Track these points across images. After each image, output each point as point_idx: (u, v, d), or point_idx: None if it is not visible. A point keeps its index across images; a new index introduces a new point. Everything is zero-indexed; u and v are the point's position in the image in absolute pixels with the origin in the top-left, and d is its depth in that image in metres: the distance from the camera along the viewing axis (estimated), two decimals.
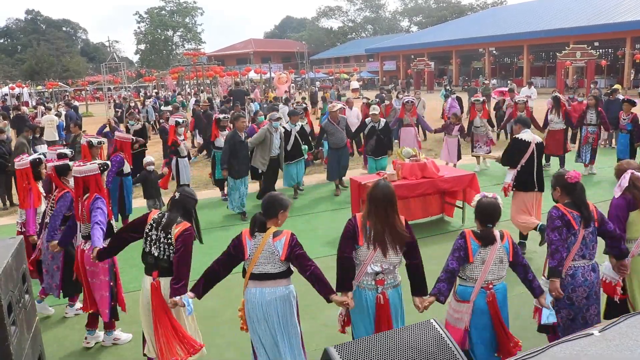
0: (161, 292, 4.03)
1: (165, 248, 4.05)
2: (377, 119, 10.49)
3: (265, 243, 3.84)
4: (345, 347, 2.09)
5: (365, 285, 3.83)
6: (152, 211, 4.28)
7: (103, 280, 4.80)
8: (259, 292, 3.87)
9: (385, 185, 3.89)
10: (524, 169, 6.72)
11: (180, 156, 9.66)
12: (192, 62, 34.10)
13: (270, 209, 3.96)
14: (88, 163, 4.94)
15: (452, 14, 72.49)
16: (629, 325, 2.40)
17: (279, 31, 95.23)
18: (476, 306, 3.83)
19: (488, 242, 3.82)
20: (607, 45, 40.42)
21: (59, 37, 79.88)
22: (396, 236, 3.78)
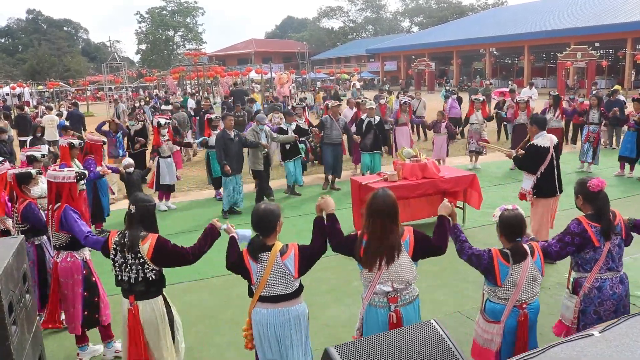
0: (139, 318, 3.79)
1: (138, 270, 3.74)
2: (373, 114, 10.97)
3: (274, 263, 3.51)
4: (345, 347, 2.09)
5: (377, 303, 3.53)
6: (111, 232, 3.94)
7: (77, 292, 4.59)
8: (270, 313, 3.57)
9: (385, 195, 3.54)
10: (544, 176, 6.39)
11: (162, 156, 9.75)
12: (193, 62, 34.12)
13: (267, 225, 3.59)
14: (65, 169, 4.71)
15: (452, 14, 72.49)
16: (629, 325, 2.40)
17: (280, 31, 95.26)
18: (507, 326, 3.61)
19: (520, 258, 3.56)
20: (607, 46, 40.42)
21: (60, 36, 79.91)
22: (391, 251, 3.46)
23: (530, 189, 6.49)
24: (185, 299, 6.05)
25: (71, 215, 4.44)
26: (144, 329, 3.80)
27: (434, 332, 2.20)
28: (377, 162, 10.87)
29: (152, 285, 3.81)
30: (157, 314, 3.84)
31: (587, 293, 3.87)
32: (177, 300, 5.98)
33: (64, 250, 4.61)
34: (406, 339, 2.15)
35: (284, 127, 10.70)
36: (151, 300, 3.83)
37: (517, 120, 12.21)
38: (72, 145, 7.35)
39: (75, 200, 4.60)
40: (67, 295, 4.60)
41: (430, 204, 8.43)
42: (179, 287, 6.30)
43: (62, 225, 4.45)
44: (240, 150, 9.38)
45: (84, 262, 4.67)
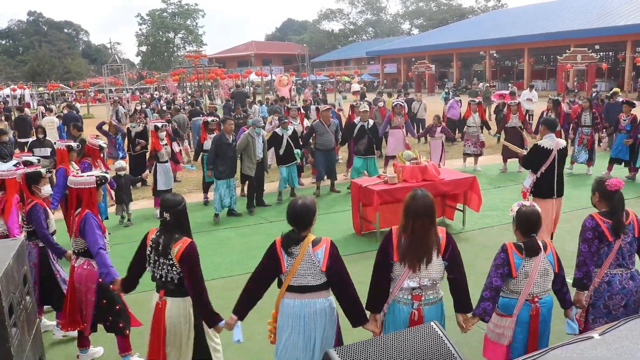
0: (164, 314, 3.84)
1: (167, 270, 3.81)
2: (366, 118, 10.70)
3: (305, 253, 3.54)
4: (346, 350, 2.09)
5: (401, 299, 3.57)
6: (151, 230, 3.99)
7: (89, 299, 4.56)
8: (297, 304, 3.59)
9: (423, 195, 3.57)
10: (544, 176, 6.56)
11: (159, 161, 9.55)
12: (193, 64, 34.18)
13: (304, 220, 3.61)
14: (86, 174, 4.63)
15: (453, 16, 72.59)
16: (629, 328, 2.41)
17: (280, 33, 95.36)
18: (519, 320, 3.67)
19: (533, 252, 3.64)
20: (607, 48, 40.45)
21: (61, 38, 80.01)
22: (429, 251, 3.50)
23: (529, 187, 6.70)
24: None
25: (91, 222, 4.39)
26: (167, 326, 3.83)
27: (436, 336, 2.20)
28: (372, 167, 10.57)
29: (182, 286, 3.83)
30: (182, 313, 3.87)
31: (597, 287, 3.97)
32: None
33: (82, 257, 4.55)
34: (407, 341, 2.16)
35: (278, 133, 10.26)
36: (179, 299, 3.86)
37: (509, 123, 12.21)
38: (70, 147, 7.29)
39: (95, 205, 4.54)
40: (80, 301, 4.58)
41: None
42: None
43: (80, 232, 4.41)
44: (235, 155, 9.33)
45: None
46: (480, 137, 12.42)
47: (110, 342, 4.92)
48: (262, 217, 9.47)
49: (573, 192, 9.58)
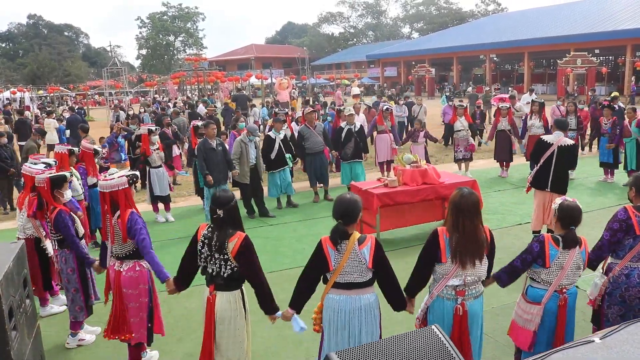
0: (214, 307, 3.86)
1: (221, 265, 3.83)
2: (352, 121, 10.59)
3: (351, 251, 3.60)
4: (346, 353, 2.09)
5: (445, 295, 3.68)
6: (201, 226, 4.01)
7: (142, 302, 4.42)
8: (342, 299, 3.67)
9: (470, 193, 3.66)
10: (542, 168, 7.07)
11: (152, 166, 9.37)
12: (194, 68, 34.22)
13: (351, 214, 3.67)
14: (116, 176, 4.37)
15: (453, 20, 72.76)
16: (630, 332, 2.40)
17: (280, 37, 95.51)
18: (547, 309, 3.82)
19: (571, 244, 3.77)
20: (607, 52, 40.49)
21: (61, 41, 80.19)
22: (479, 249, 3.61)
23: (530, 177, 7.33)
24: (186, 305, 6.04)
25: (139, 221, 4.32)
26: (217, 320, 3.87)
27: (435, 338, 2.20)
28: (358, 172, 10.47)
29: (232, 280, 3.87)
30: (232, 307, 3.90)
31: (616, 277, 4.08)
32: (178, 305, 6.00)
33: (128, 260, 4.39)
34: (407, 344, 2.15)
35: (272, 136, 9.97)
36: (228, 292, 3.89)
37: (499, 126, 12.14)
38: (72, 152, 7.14)
39: (134, 204, 4.44)
40: (132, 307, 4.40)
41: (430, 210, 8.44)
42: (181, 292, 6.28)
43: (129, 233, 4.27)
44: (223, 160, 8.99)
45: (149, 271, 4.49)
46: (470, 140, 12.26)
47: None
48: (262, 219, 9.46)
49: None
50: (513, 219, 8.86)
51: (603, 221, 8.69)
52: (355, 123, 10.67)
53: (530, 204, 7.88)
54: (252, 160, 9.53)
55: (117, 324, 4.42)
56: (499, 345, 4.81)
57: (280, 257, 7.53)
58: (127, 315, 4.40)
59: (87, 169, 7.67)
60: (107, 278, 4.53)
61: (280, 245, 8.07)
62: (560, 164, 6.96)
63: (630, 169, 10.80)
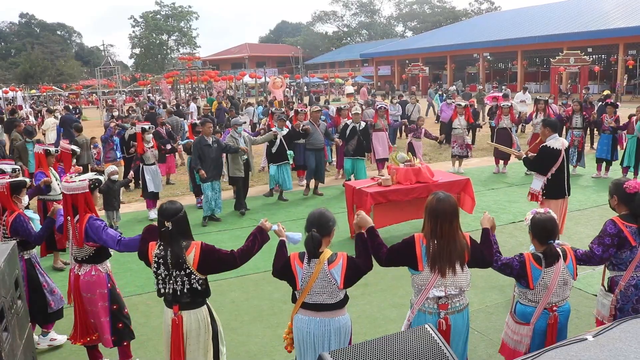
0: (182, 329, 3.66)
1: (184, 281, 3.60)
2: (358, 120, 10.90)
3: (320, 271, 3.42)
4: (339, 353, 2.09)
5: (427, 309, 3.48)
6: (150, 245, 3.75)
7: (102, 306, 4.36)
8: (311, 322, 3.49)
9: (447, 196, 3.52)
10: (555, 177, 6.50)
11: (146, 164, 9.48)
12: (187, 67, 34.11)
13: (325, 225, 3.52)
14: (78, 179, 4.34)
15: (446, 19, 72.84)
16: (622, 330, 2.41)
17: (274, 36, 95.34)
18: (536, 328, 3.65)
19: (552, 260, 3.59)
20: (600, 51, 40.70)
21: (53, 40, 79.69)
22: (462, 254, 3.44)
23: (540, 190, 6.60)
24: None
25: (97, 224, 4.25)
26: (186, 339, 3.69)
27: (429, 338, 2.20)
28: (360, 168, 10.75)
29: (197, 296, 3.69)
30: (201, 325, 3.72)
31: (624, 291, 3.95)
32: (154, 316, 5.91)
33: (86, 264, 4.36)
34: (401, 344, 2.15)
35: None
36: (196, 310, 3.71)
37: (500, 124, 12.37)
38: (48, 152, 7.07)
39: (93, 209, 4.38)
40: (91, 310, 4.37)
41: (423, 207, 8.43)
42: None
43: (87, 237, 4.24)
44: (218, 157, 9.24)
45: (108, 275, 4.45)
46: (466, 139, 12.48)
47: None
48: (255, 219, 9.45)
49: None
50: (507, 217, 8.88)
51: (594, 219, 8.76)
52: (361, 122, 10.94)
53: (524, 202, 7.88)
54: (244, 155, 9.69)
55: (82, 328, 4.42)
56: (493, 344, 4.82)
57: (272, 256, 7.48)
58: (88, 318, 4.39)
59: (65, 169, 7.56)
60: (68, 281, 4.53)
61: (273, 245, 8.01)
62: (568, 167, 6.74)
63: (627, 166, 10.93)
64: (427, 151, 15.58)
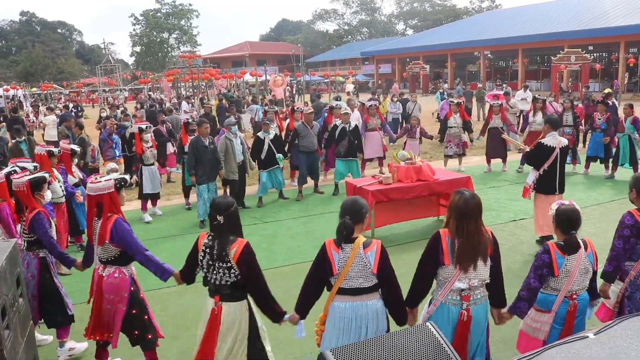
0: (220, 319, 3.77)
1: (224, 273, 3.74)
2: (347, 120, 10.64)
3: (356, 255, 3.50)
4: (341, 351, 2.09)
5: (449, 301, 3.58)
6: (201, 235, 3.93)
7: (120, 309, 4.33)
8: (348, 307, 3.55)
9: (472, 196, 3.59)
10: (547, 173, 6.86)
11: (145, 164, 9.36)
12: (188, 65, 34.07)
13: (358, 212, 3.60)
14: (103, 179, 4.28)
15: (447, 17, 72.73)
16: (624, 328, 2.41)
17: (274, 34, 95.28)
18: (557, 316, 3.74)
19: (573, 249, 3.69)
20: (601, 49, 40.62)
21: (54, 38, 79.61)
22: (483, 250, 3.55)
23: (532, 184, 7.00)
24: (179, 302, 6.02)
25: (124, 227, 4.22)
26: (221, 331, 3.78)
27: (431, 336, 2.20)
28: (354, 170, 10.57)
29: (237, 289, 3.79)
30: (239, 318, 3.82)
31: (634, 280, 4.06)
32: (171, 303, 5.98)
33: (111, 265, 4.31)
34: (403, 342, 2.15)
35: (260, 137, 10.08)
36: (236, 303, 3.81)
37: (491, 124, 12.28)
38: (51, 153, 6.95)
39: (119, 209, 4.34)
40: (109, 309, 4.35)
41: (424, 206, 8.45)
42: (173, 290, 6.26)
43: (112, 238, 4.19)
44: (214, 158, 9.01)
45: (132, 278, 4.40)
46: (462, 138, 12.36)
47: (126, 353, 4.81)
48: (256, 217, 9.45)
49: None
50: (507, 215, 8.88)
51: (596, 217, 8.78)
52: (350, 122, 10.70)
53: (525, 201, 7.89)
54: (239, 156, 9.51)
55: (95, 325, 4.40)
56: (493, 342, 4.81)
57: (275, 255, 7.52)
58: (104, 317, 4.37)
59: (66, 169, 7.50)
60: (92, 280, 4.48)
61: (275, 243, 8.06)
62: (563, 166, 6.93)
63: (622, 164, 10.99)
64: (428, 149, 15.57)
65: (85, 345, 5.10)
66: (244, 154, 9.67)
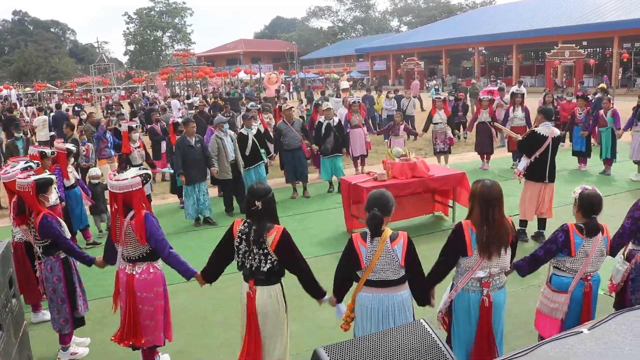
0: (255, 302, 3.79)
1: (260, 259, 3.76)
2: (331, 116, 10.65)
3: (383, 248, 3.55)
4: (334, 348, 2.08)
5: (470, 288, 3.69)
6: (236, 221, 3.91)
7: (158, 304, 4.24)
8: (374, 298, 3.63)
9: (494, 183, 3.66)
10: (538, 161, 7.07)
11: (133, 165, 9.09)
12: (182, 63, 34.01)
13: (386, 204, 3.62)
14: (129, 176, 4.15)
15: (441, 13, 72.77)
16: (618, 322, 2.41)
17: (269, 31, 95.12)
18: (573, 296, 3.88)
19: (594, 232, 3.84)
20: (595, 44, 40.69)
21: (47, 38, 79.20)
22: (507, 238, 3.64)
23: (523, 170, 7.24)
24: (175, 301, 6.00)
25: (154, 222, 4.15)
26: (259, 315, 3.81)
27: (424, 332, 2.20)
28: (338, 166, 10.55)
29: (272, 274, 3.82)
30: (273, 301, 3.84)
31: (639, 263, 4.15)
32: None
33: (141, 262, 4.19)
34: (396, 339, 2.15)
35: (244, 132, 9.78)
36: (269, 286, 3.83)
37: (479, 118, 12.18)
38: (44, 154, 6.78)
39: (148, 205, 4.29)
40: (146, 310, 4.21)
41: (420, 203, 8.45)
42: (169, 288, 6.25)
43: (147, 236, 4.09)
44: (202, 157, 8.86)
45: (163, 273, 4.35)
46: (448, 134, 12.26)
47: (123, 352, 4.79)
48: None
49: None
50: None
51: None
52: (334, 118, 10.69)
53: (517, 197, 7.90)
54: (231, 154, 9.36)
55: (129, 330, 4.22)
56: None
57: None
58: (140, 319, 4.20)
59: (62, 170, 7.33)
60: (116, 282, 4.34)
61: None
62: (554, 155, 7.13)
63: (606, 158, 11.05)
64: (423, 146, 15.57)
65: (87, 350, 5.04)
66: (235, 152, 9.49)
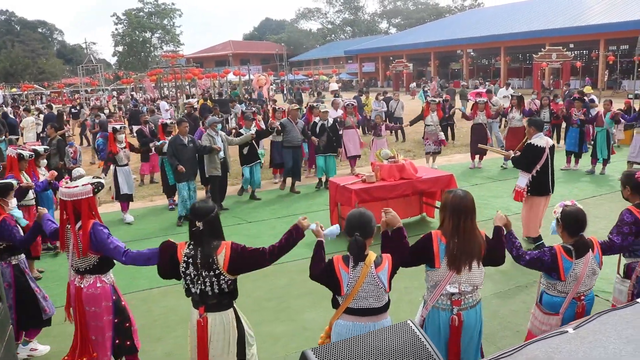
0: (207, 330, 3.57)
1: (212, 282, 3.50)
2: (326, 117, 11.23)
3: (367, 274, 3.28)
4: (322, 350, 2.09)
5: (440, 306, 3.49)
6: (179, 244, 3.63)
7: (107, 320, 4.09)
8: (355, 327, 3.34)
9: (466, 193, 3.54)
10: (539, 174, 6.75)
11: (119, 165, 9.29)
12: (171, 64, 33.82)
13: (366, 227, 3.37)
14: (80, 183, 4.01)
15: (430, 15, 73.19)
16: (602, 322, 2.44)
17: (258, 33, 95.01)
18: (565, 318, 3.67)
19: (583, 251, 3.63)
20: (581, 47, 41.12)
21: (34, 38, 78.52)
22: (478, 250, 3.47)
23: (525, 187, 6.80)
24: (163, 304, 5.98)
25: (103, 232, 3.96)
26: (210, 342, 3.61)
27: (411, 333, 2.21)
28: (331, 165, 11.05)
29: (224, 297, 3.61)
30: (226, 328, 3.64)
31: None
32: (155, 304, 5.94)
33: (90, 275, 4.04)
34: (383, 340, 2.16)
35: (242, 133, 10.37)
36: (222, 312, 3.62)
37: (475, 119, 12.47)
38: (21, 156, 6.73)
39: (97, 214, 4.10)
40: (95, 325, 4.07)
41: (408, 205, 8.48)
42: (157, 291, 6.24)
43: (92, 245, 3.94)
44: (194, 156, 9.20)
45: (113, 286, 4.18)
46: (440, 136, 12.53)
47: None
48: (240, 217, 9.42)
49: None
50: (491, 212, 8.90)
51: None
52: (328, 119, 11.27)
53: (507, 197, 7.94)
54: (221, 153, 9.64)
55: (82, 345, 4.10)
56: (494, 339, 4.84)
57: None
58: (89, 334, 4.08)
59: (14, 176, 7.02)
60: (67, 294, 4.22)
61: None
62: (553, 165, 6.92)
63: (597, 158, 11.24)
64: (411, 147, 15.64)
65: (47, 348, 5.04)
66: (225, 152, 9.79)
